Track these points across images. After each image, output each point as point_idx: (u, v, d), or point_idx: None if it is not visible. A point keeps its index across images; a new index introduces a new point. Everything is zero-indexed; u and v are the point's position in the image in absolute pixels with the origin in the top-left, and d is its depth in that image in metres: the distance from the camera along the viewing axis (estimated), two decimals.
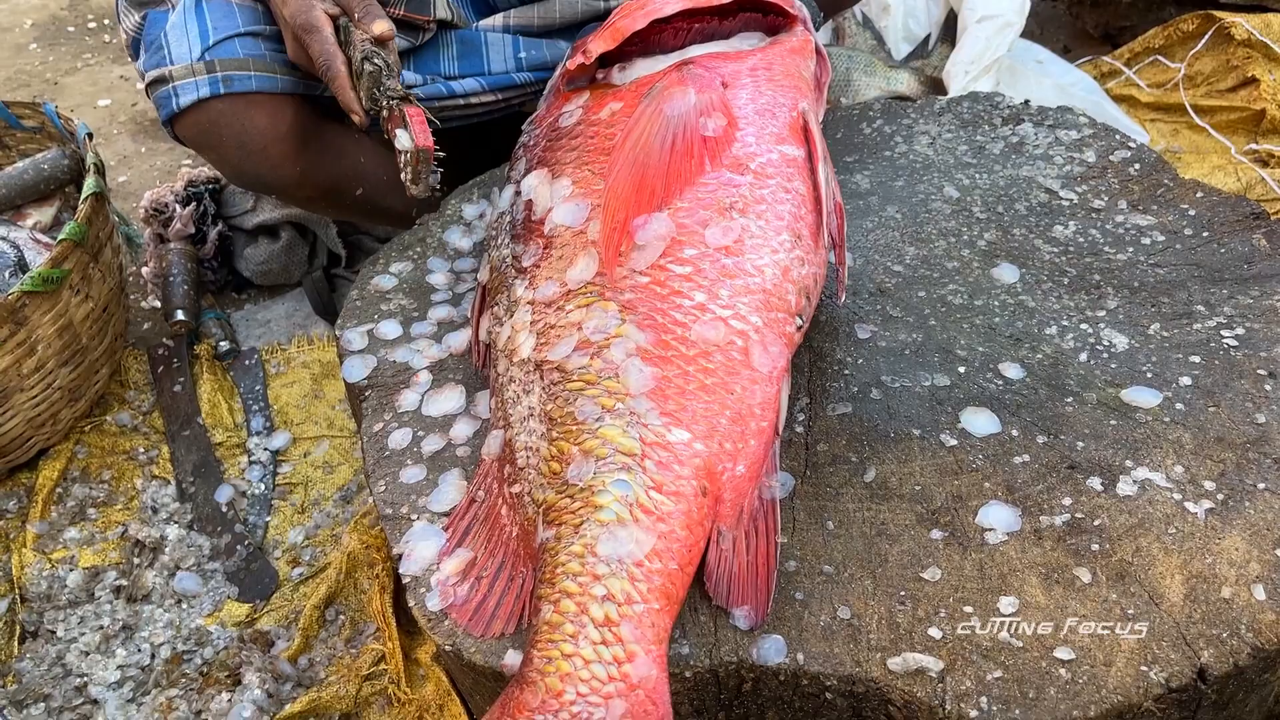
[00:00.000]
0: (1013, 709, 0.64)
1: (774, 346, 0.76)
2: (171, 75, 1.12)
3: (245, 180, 1.22)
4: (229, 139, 1.14)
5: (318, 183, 1.21)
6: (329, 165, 1.21)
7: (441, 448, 0.86)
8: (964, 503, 0.75)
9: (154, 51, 1.15)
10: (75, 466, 1.36)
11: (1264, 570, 0.68)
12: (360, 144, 1.26)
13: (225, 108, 1.12)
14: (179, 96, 1.12)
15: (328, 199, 1.25)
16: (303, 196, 1.25)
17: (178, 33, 1.13)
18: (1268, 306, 0.87)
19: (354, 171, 1.24)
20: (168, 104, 1.13)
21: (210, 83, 1.12)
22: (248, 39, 1.13)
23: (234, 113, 1.12)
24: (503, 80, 1.23)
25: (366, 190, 1.25)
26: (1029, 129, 1.08)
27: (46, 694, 1.12)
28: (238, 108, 1.12)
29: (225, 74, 1.11)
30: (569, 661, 0.65)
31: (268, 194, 1.26)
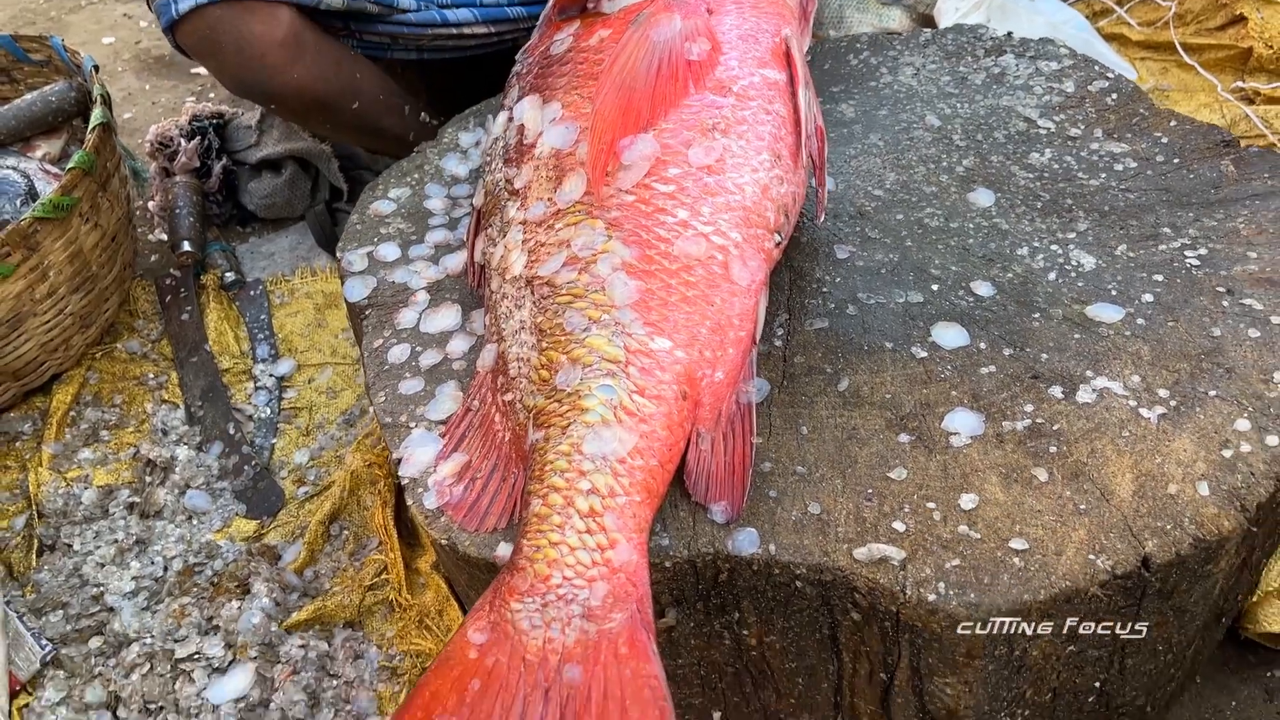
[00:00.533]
0: (968, 593, 0.69)
1: (753, 261, 0.80)
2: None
3: (244, 87, 1.25)
4: (227, 44, 1.17)
5: (315, 93, 1.24)
6: (326, 76, 1.24)
7: (438, 362, 0.90)
8: (931, 409, 0.79)
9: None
10: (87, 391, 1.41)
11: (1209, 469, 0.73)
12: (356, 60, 1.28)
13: (222, 13, 1.15)
14: (177, 3, 1.15)
15: (325, 112, 1.28)
16: (300, 108, 1.28)
17: None
18: (1230, 229, 0.90)
19: (350, 85, 1.27)
20: (167, 11, 1.17)
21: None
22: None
23: (231, 18, 1.16)
24: (495, 13, 1.25)
25: (362, 105, 1.28)
26: (1011, 60, 1.11)
27: (64, 602, 1.18)
28: (235, 13, 1.15)
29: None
30: (556, 549, 0.70)
31: (266, 104, 1.29)
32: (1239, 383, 0.78)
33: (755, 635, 0.79)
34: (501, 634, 0.69)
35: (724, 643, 0.80)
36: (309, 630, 1.13)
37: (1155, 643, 0.78)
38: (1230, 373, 0.79)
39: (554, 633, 0.68)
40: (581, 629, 0.68)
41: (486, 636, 0.69)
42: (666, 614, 0.77)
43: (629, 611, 0.68)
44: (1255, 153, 0.96)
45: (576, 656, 0.67)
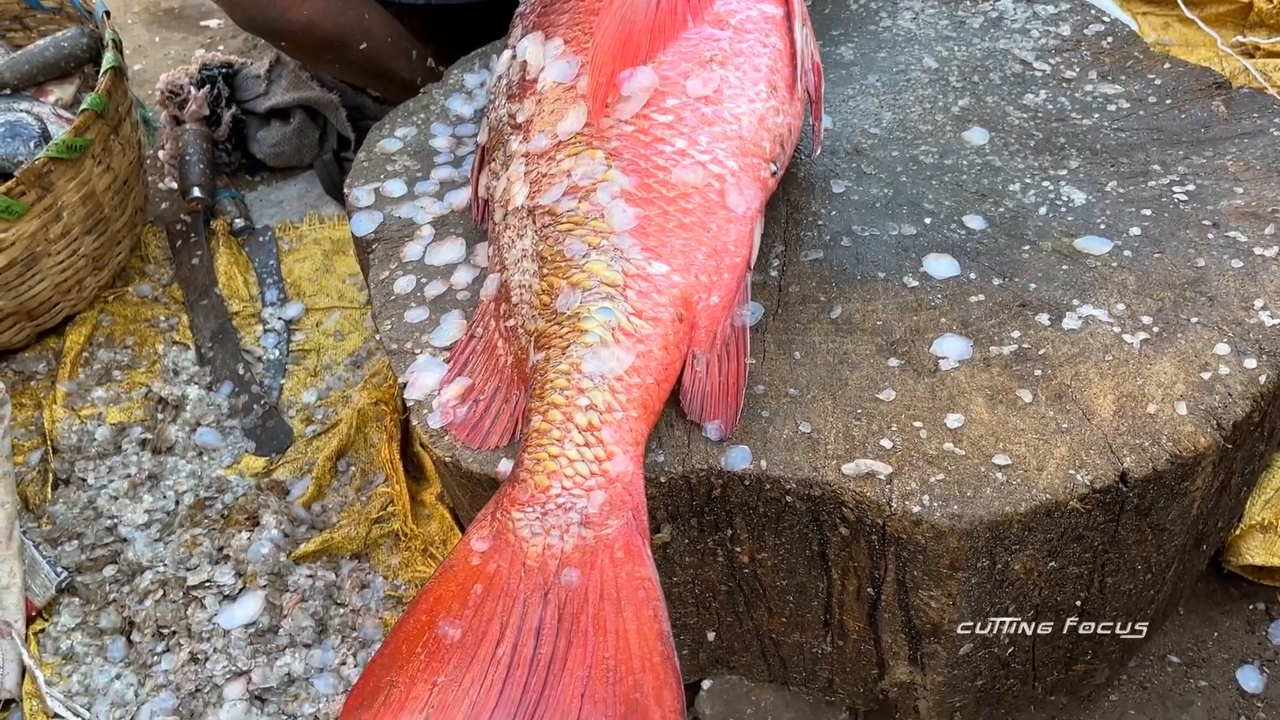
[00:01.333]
0: (951, 505, 0.71)
1: (749, 189, 0.82)
2: None
3: (255, 23, 1.27)
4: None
5: (324, 30, 1.26)
6: (334, 13, 1.26)
7: (443, 292, 0.93)
8: (921, 335, 0.82)
9: None
10: (100, 332, 1.43)
11: (1188, 390, 0.75)
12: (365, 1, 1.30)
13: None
14: None
15: (333, 50, 1.30)
16: (310, 45, 1.30)
17: None
18: (1219, 165, 0.92)
19: (359, 25, 1.29)
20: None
21: None
22: None
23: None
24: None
25: (370, 46, 1.30)
26: (1008, 4, 1.13)
27: (79, 533, 1.21)
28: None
29: None
30: (555, 461, 0.73)
31: (277, 41, 1.31)
32: (1220, 310, 0.80)
33: (747, 552, 0.81)
34: (503, 542, 0.72)
35: (717, 560, 0.83)
36: (316, 561, 1.16)
37: (1134, 561, 0.80)
38: (1212, 301, 0.81)
39: (553, 539, 0.71)
40: (580, 535, 0.71)
41: (488, 544, 0.72)
42: (662, 529, 0.80)
43: (625, 519, 0.71)
44: (1246, 93, 0.98)
45: (575, 561, 0.70)
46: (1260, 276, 0.82)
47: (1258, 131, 0.94)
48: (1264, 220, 0.86)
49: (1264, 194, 0.88)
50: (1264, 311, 0.79)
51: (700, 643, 0.91)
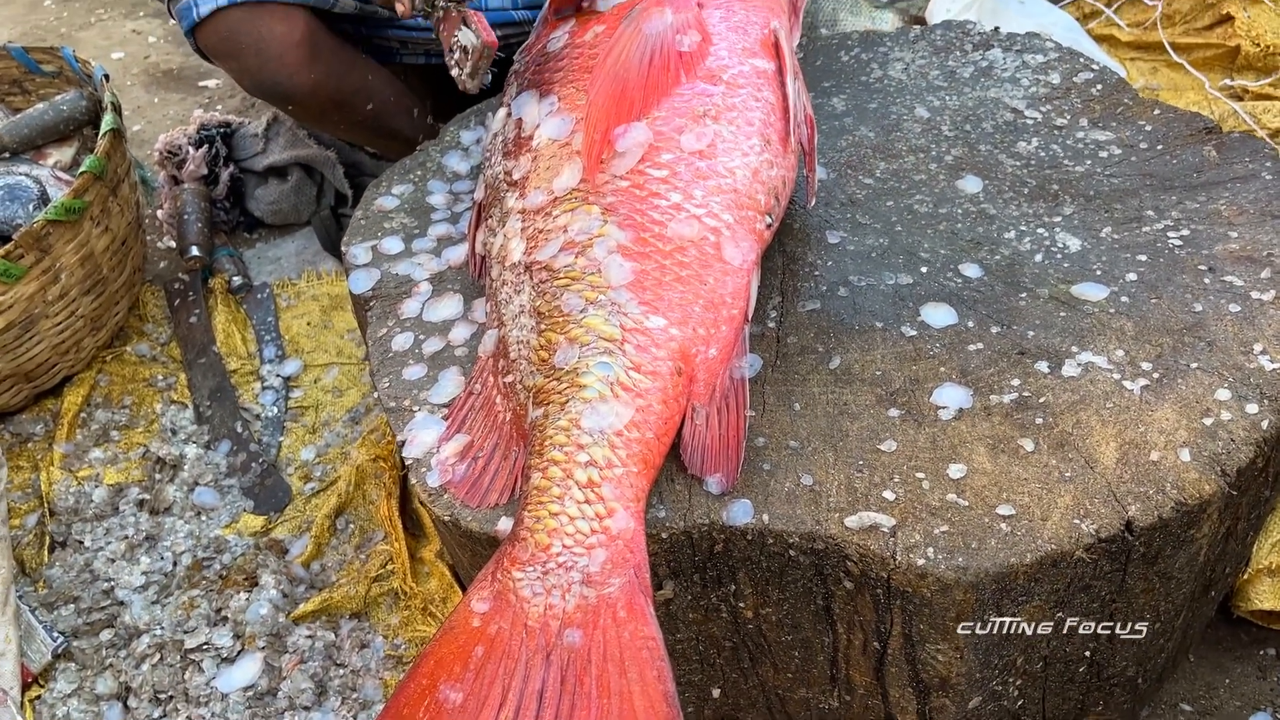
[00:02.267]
0: (956, 557, 0.71)
1: (744, 242, 0.82)
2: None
3: (263, 88, 1.29)
4: (247, 45, 1.21)
5: (329, 93, 1.28)
6: (340, 76, 1.28)
7: (441, 348, 0.92)
8: (921, 385, 0.81)
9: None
10: (98, 393, 1.43)
11: (1190, 436, 0.75)
12: (368, 63, 1.32)
13: (242, 15, 1.20)
14: (199, 7, 1.20)
15: (340, 111, 1.32)
16: (316, 107, 1.31)
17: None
18: (1212, 210, 0.92)
19: (363, 86, 1.31)
20: (189, 14, 1.21)
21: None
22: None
23: (251, 20, 1.20)
24: (501, 17, 1.29)
25: (375, 107, 1.32)
26: (998, 54, 1.14)
27: (75, 597, 1.20)
28: (254, 15, 1.20)
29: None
30: (555, 519, 0.72)
31: (284, 105, 1.32)
32: (1220, 355, 0.80)
33: (751, 608, 0.80)
34: (504, 602, 0.71)
35: (721, 616, 0.82)
36: (316, 621, 1.15)
37: (1143, 610, 0.79)
38: (1211, 345, 0.81)
39: (555, 599, 0.70)
40: (581, 595, 0.70)
41: (489, 605, 0.71)
42: (664, 586, 0.79)
43: (627, 577, 0.70)
44: (1236, 138, 0.99)
45: (577, 621, 0.69)
46: (1258, 320, 0.82)
47: (1250, 175, 0.94)
48: (1259, 264, 0.86)
49: (1259, 238, 0.88)
50: (1263, 356, 0.79)
51: (705, 700, 0.90)
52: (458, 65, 1.01)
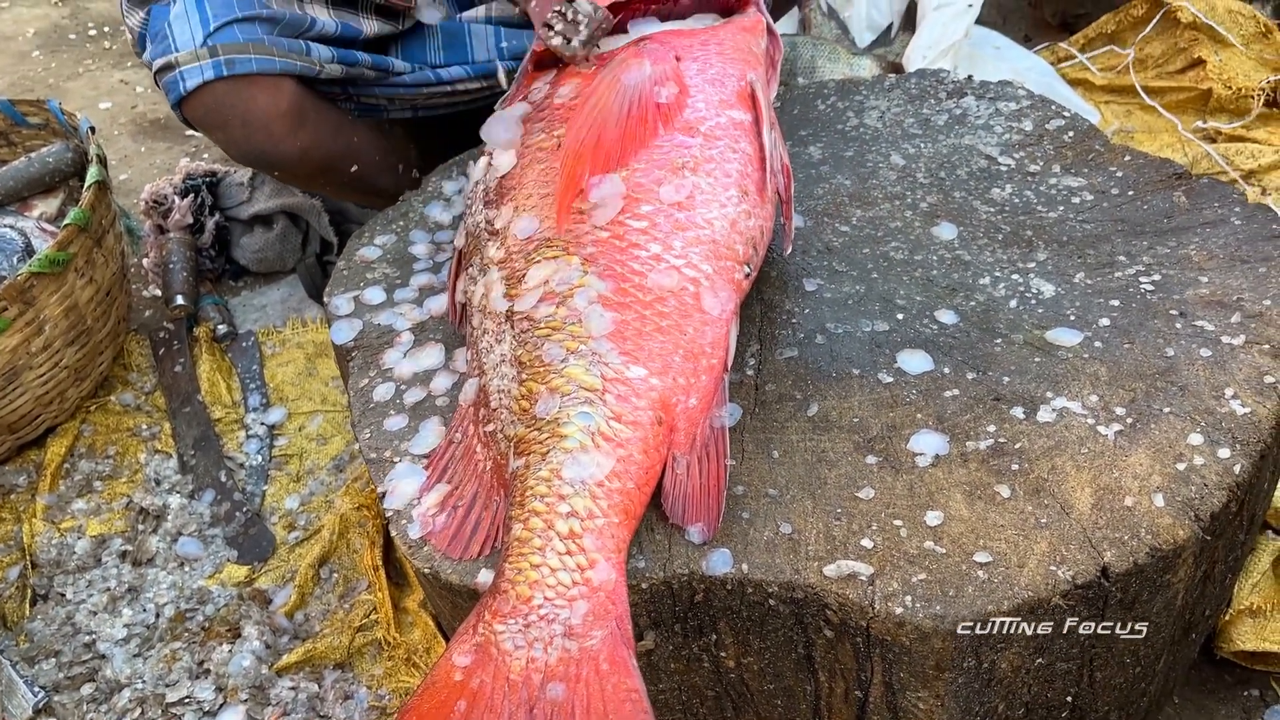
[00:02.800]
0: (934, 605, 0.71)
1: (723, 292, 0.83)
2: (178, 61, 1.20)
3: (250, 157, 1.30)
4: (233, 117, 1.22)
5: (316, 159, 1.28)
6: (326, 142, 1.28)
7: (422, 398, 0.93)
8: (898, 431, 0.82)
9: (159, 41, 1.23)
10: (81, 443, 1.43)
11: (1164, 481, 0.76)
12: (355, 125, 1.33)
13: (229, 88, 1.20)
14: (185, 80, 1.20)
15: (325, 175, 1.33)
16: (303, 172, 1.32)
17: (180, 22, 1.21)
18: (1183, 255, 0.94)
19: (349, 149, 1.31)
20: (175, 88, 1.21)
21: (214, 66, 1.19)
22: (245, 24, 1.21)
23: (237, 92, 1.20)
24: (486, 68, 1.30)
25: (360, 168, 1.33)
26: (971, 102, 1.16)
27: (57, 650, 1.19)
28: (240, 88, 1.20)
29: (227, 57, 1.19)
30: (537, 571, 0.72)
31: (271, 171, 1.33)
32: (1192, 399, 0.81)
33: (733, 657, 0.81)
34: (485, 656, 0.71)
35: (703, 665, 0.82)
36: (299, 672, 1.14)
37: (1123, 655, 0.80)
38: (1184, 390, 0.82)
39: (537, 652, 0.70)
40: (563, 647, 0.70)
41: (471, 659, 0.71)
42: (645, 636, 0.79)
43: (609, 629, 0.70)
44: (1206, 183, 1.00)
45: (559, 674, 0.69)
46: (1229, 365, 0.83)
47: (1219, 220, 0.96)
48: (1230, 309, 0.87)
49: (1229, 282, 0.90)
50: (1235, 400, 0.80)
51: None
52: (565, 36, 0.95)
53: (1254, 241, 0.94)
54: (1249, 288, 0.89)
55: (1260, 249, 0.93)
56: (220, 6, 1.21)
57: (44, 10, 2.65)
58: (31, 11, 2.65)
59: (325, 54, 1.26)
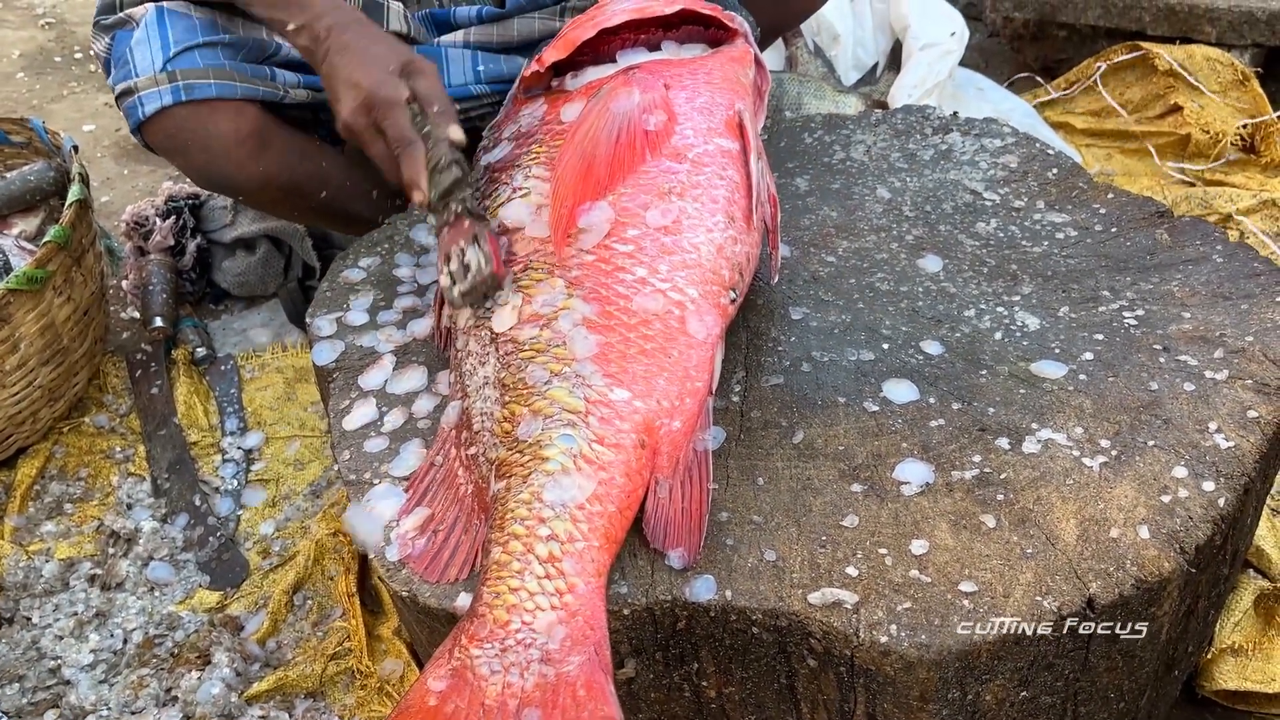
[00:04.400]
0: (919, 634, 0.70)
1: (708, 316, 0.83)
2: (137, 86, 1.20)
3: (212, 183, 1.28)
4: (193, 143, 1.21)
5: (281, 184, 1.27)
6: (291, 167, 1.27)
7: (404, 421, 0.92)
8: (883, 460, 0.82)
9: (121, 66, 1.22)
10: (53, 465, 1.40)
11: (1149, 513, 0.75)
12: (322, 150, 1.32)
13: (187, 114, 1.19)
14: (144, 105, 1.20)
15: (291, 201, 1.31)
16: (267, 199, 1.31)
17: (141, 48, 1.20)
18: (1165, 291, 0.94)
19: (316, 174, 1.30)
20: (134, 113, 1.21)
21: (172, 91, 1.19)
22: (206, 49, 1.20)
23: (196, 118, 1.19)
24: (460, 92, 1.30)
25: (330, 194, 1.31)
26: (957, 138, 1.17)
27: (20, 675, 1.16)
28: (200, 113, 1.19)
29: (186, 82, 1.18)
30: (515, 595, 0.71)
31: (234, 196, 1.32)
32: (1176, 432, 0.81)
33: (715, 686, 0.79)
34: (461, 680, 0.70)
35: (684, 695, 0.81)
36: (270, 700, 1.12)
37: (1107, 689, 0.79)
38: (1168, 423, 0.82)
39: (513, 677, 0.69)
40: (540, 673, 0.69)
41: (446, 684, 0.70)
42: (626, 664, 0.78)
43: (587, 655, 0.69)
44: (1188, 221, 1.01)
45: (535, 700, 0.68)
46: (1212, 399, 0.83)
47: (1201, 258, 0.97)
48: (1212, 344, 0.88)
49: (1211, 318, 0.90)
50: (1218, 434, 0.80)
51: None
52: (452, 278, 0.90)
53: (1235, 279, 0.94)
54: (1231, 324, 0.90)
55: (1242, 286, 0.93)
56: (181, 32, 1.20)
57: (30, 33, 2.65)
58: (17, 34, 2.64)
59: (291, 78, 1.25)
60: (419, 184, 0.96)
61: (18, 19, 2.73)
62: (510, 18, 1.32)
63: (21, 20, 2.72)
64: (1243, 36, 1.74)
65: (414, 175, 0.96)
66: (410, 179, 0.96)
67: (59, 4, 2.80)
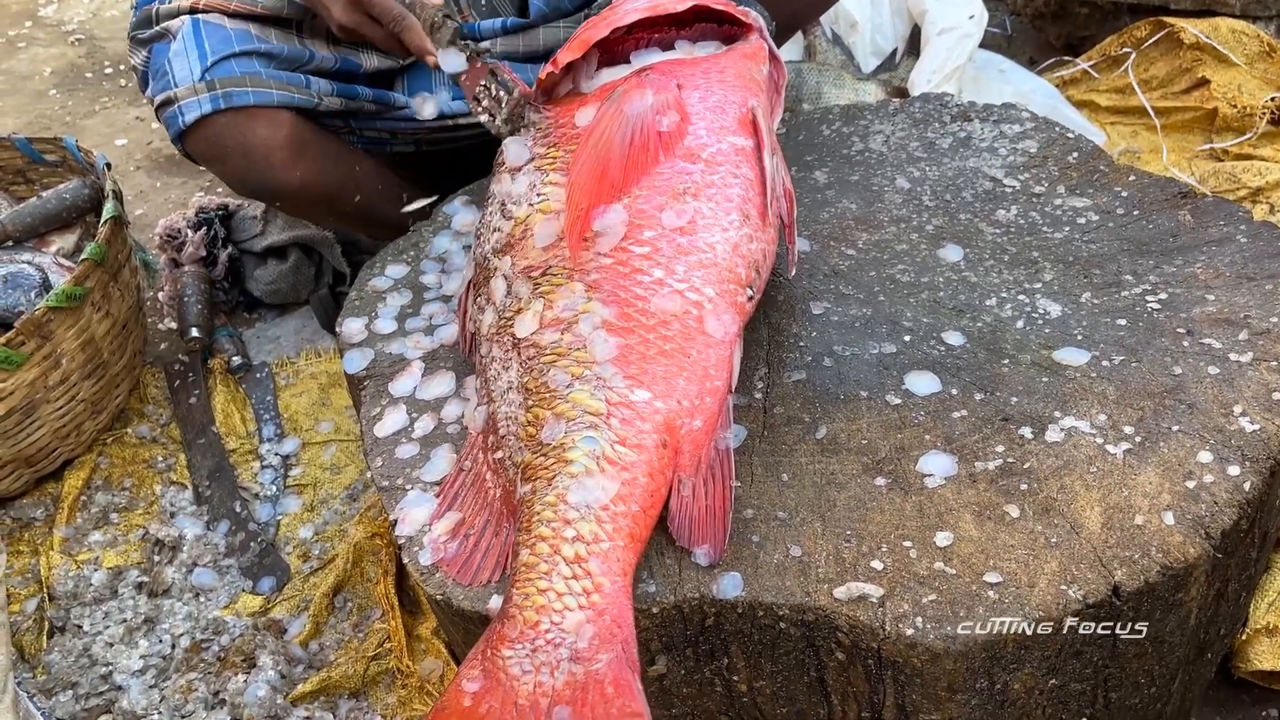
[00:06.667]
0: (945, 626, 0.71)
1: (726, 315, 0.84)
2: (177, 96, 1.23)
3: (250, 189, 1.31)
4: (233, 149, 1.24)
5: (317, 189, 1.30)
6: (327, 172, 1.30)
7: (434, 426, 0.94)
8: (906, 453, 0.82)
9: (160, 78, 1.25)
10: (98, 476, 1.44)
11: (1174, 500, 0.75)
12: (355, 154, 1.35)
13: (227, 121, 1.22)
14: (184, 114, 1.22)
15: (328, 205, 1.34)
16: (304, 203, 1.34)
17: (179, 59, 1.23)
18: (1189, 274, 0.94)
19: (350, 179, 1.33)
20: (175, 122, 1.23)
21: (212, 99, 1.22)
22: (243, 58, 1.23)
23: (236, 125, 1.22)
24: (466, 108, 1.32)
25: (363, 198, 1.34)
26: (976, 125, 1.17)
27: (74, 682, 1.19)
28: (239, 120, 1.22)
29: (225, 90, 1.21)
30: (544, 596, 0.73)
31: (272, 202, 1.35)
32: (1200, 417, 0.81)
33: (745, 681, 0.80)
34: (494, 681, 0.71)
35: (715, 690, 0.82)
36: (314, 702, 1.14)
37: (1137, 675, 0.79)
38: (1192, 408, 0.81)
39: (544, 676, 0.70)
40: (570, 671, 0.70)
41: (479, 685, 0.72)
42: (657, 662, 0.79)
43: (615, 652, 0.70)
44: (1211, 202, 1.01)
45: (565, 698, 0.69)
46: (1237, 382, 0.83)
47: (1225, 239, 0.96)
48: (1237, 326, 0.87)
49: (1235, 300, 0.90)
50: (1244, 418, 0.80)
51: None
52: (489, 113, 1.05)
53: (1260, 259, 0.94)
54: (1256, 305, 0.89)
55: (1266, 266, 0.93)
56: (218, 43, 1.23)
57: (60, 49, 2.70)
58: (48, 51, 2.69)
59: (325, 87, 1.28)
60: (427, 47, 1.08)
61: (48, 36, 2.78)
62: (535, 27, 1.34)
63: (51, 38, 2.77)
64: (1267, 8, 1.71)
65: (420, 43, 1.09)
66: (418, 47, 1.09)
67: (88, 20, 2.85)
